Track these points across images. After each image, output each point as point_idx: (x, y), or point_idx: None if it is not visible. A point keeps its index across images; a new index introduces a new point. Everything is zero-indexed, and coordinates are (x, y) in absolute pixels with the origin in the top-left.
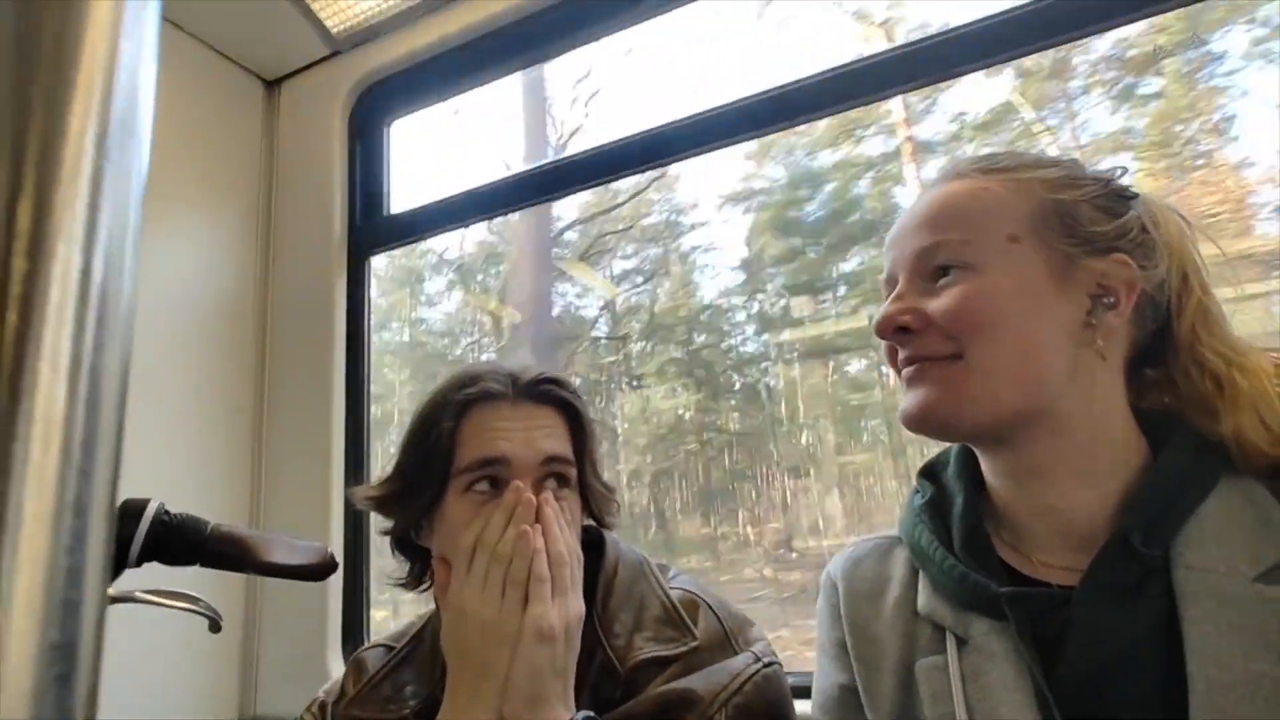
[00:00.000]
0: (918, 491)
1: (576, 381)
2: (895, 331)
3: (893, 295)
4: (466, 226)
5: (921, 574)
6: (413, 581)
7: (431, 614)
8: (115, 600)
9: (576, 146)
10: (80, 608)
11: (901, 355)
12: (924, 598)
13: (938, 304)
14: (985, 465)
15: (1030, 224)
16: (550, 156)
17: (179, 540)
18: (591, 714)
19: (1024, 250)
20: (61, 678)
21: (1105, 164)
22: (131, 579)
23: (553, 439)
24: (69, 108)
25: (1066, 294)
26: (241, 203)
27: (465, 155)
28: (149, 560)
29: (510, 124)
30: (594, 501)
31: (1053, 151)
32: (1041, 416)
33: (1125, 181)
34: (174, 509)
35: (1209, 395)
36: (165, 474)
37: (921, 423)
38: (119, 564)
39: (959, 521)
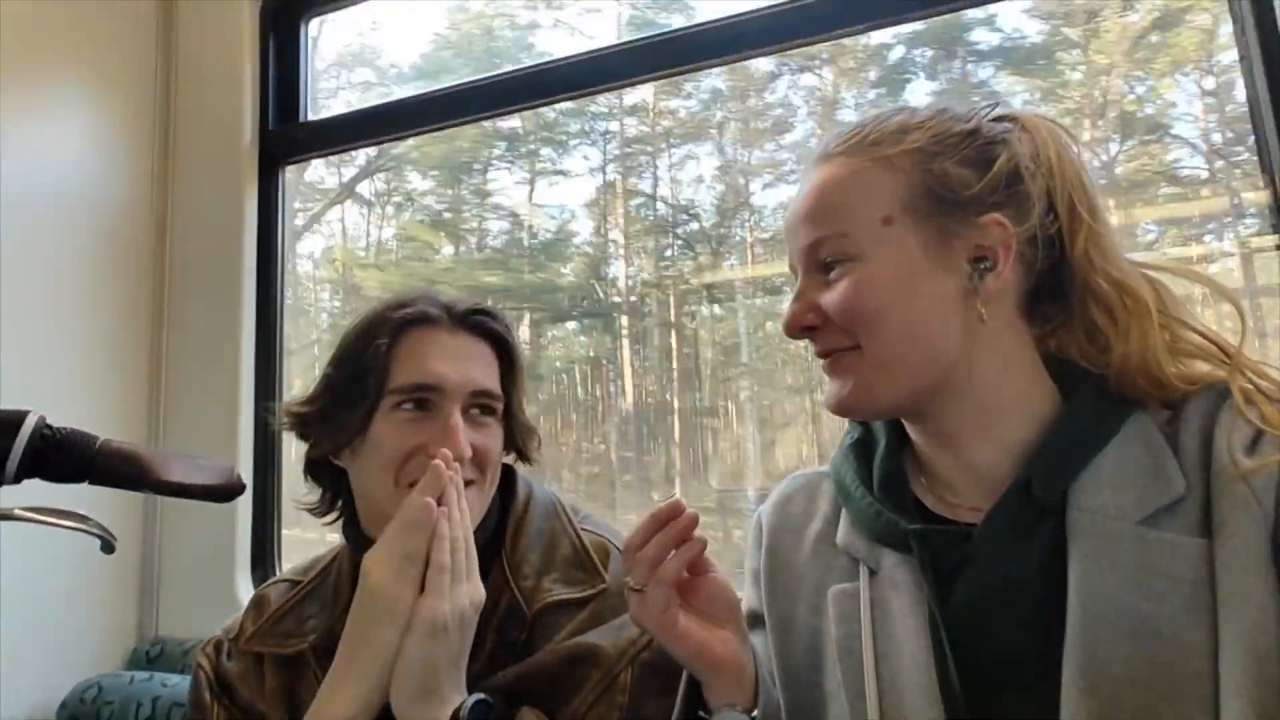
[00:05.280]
0: (849, 432)
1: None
2: (801, 331)
3: (794, 294)
4: (394, 140)
5: (843, 509)
6: (325, 508)
7: (342, 546)
8: None
9: None
10: None
11: (814, 349)
12: (843, 531)
13: (829, 300)
14: (906, 425)
15: (901, 203)
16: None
17: (63, 456)
18: (483, 696)
19: (898, 231)
20: None
21: None
22: (13, 497)
23: (483, 371)
24: None
25: (945, 267)
26: (135, 95)
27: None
28: (29, 477)
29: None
30: (518, 434)
31: None
32: (942, 389)
33: (999, 114)
34: (60, 423)
35: (1103, 325)
36: (49, 387)
37: (840, 411)
38: None
39: (880, 463)
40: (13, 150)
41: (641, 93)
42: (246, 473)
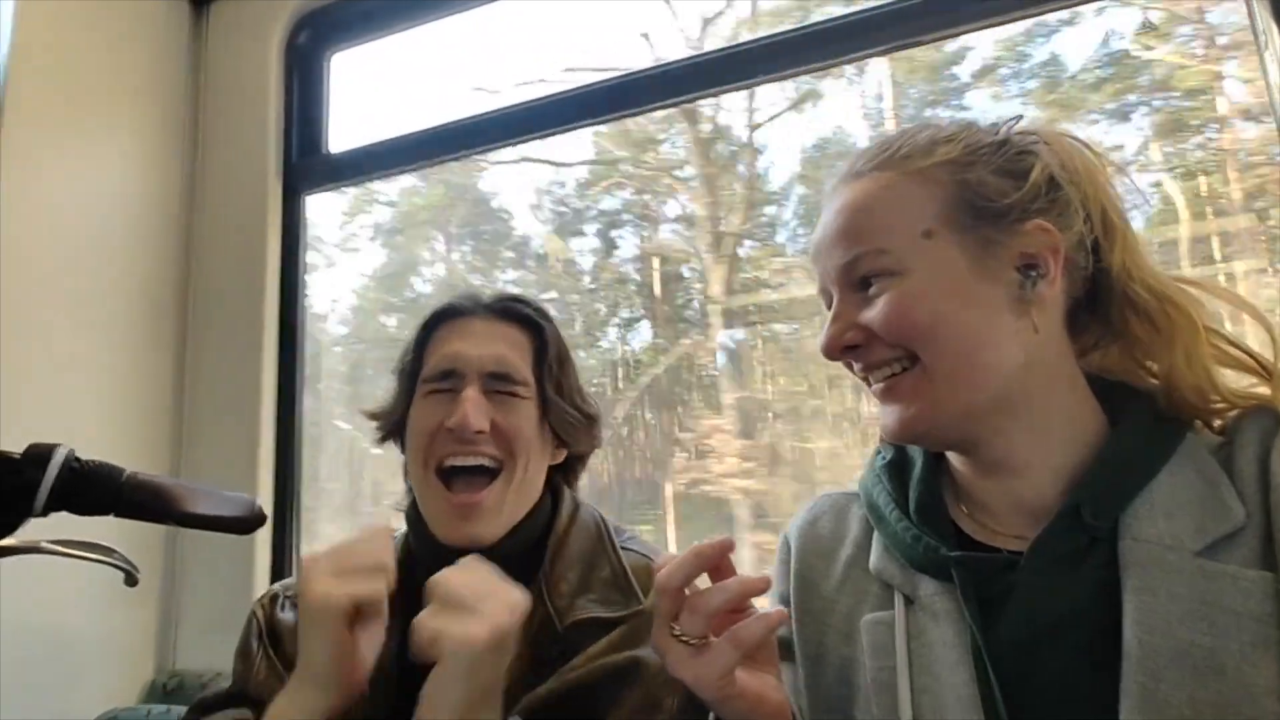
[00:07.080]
0: (879, 452)
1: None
2: (843, 351)
3: (831, 314)
4: (415, 170)
5: (875, 533)
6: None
7: (408, 504)
8: (17, 550)
9: None
10: None
11: (858, 369)
12: (876, 556)
13: (872, 315)
14: (949, 451)
15: (940, 215)
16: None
17: (91, 488)
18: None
19: (939, 244)
20: None
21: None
22: (39, 530)
23: (507, 351)
24: None
25: (991, 276)
26: (163, 132)
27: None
28: (57, 509)
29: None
30: (556, 422)
31: None
32: (998, 407)
33: (1022, 127)
34: (87, 456)
35: (1145, 337)
36: (74, 418)
37: (901, 435)
38: (22, 512)
39: (916, 485)
40: (44, 184)
41: None
42: (266, 505)
